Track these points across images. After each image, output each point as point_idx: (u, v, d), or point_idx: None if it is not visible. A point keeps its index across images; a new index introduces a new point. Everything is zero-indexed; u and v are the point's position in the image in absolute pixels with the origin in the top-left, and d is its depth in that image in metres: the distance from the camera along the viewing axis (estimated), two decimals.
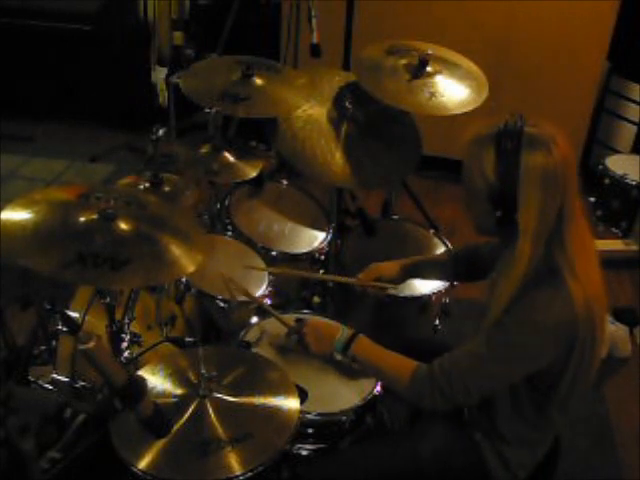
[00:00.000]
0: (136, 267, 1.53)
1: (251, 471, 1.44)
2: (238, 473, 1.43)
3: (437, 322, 2.37)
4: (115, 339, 1.90)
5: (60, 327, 1.94)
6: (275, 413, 1.57)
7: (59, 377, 1.96)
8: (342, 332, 1.76)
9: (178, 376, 1.63)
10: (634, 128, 3.79)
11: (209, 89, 2.28)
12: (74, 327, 1.88)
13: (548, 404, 1.63)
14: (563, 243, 1.49)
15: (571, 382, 1.57)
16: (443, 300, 2.33)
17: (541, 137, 1.48)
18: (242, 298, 2.05)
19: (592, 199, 3.54)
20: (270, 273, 2.25)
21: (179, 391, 1.59)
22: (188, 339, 2.03)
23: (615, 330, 2.87)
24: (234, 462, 1.44)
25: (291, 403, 1.59)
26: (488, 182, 1.49)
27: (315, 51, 2.56)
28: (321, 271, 2.45)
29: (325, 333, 1.80)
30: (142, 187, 2.24)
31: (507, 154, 1.47)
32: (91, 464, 1.78)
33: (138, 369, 1.73)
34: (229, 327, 2.15)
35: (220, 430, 1.50)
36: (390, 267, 2.06)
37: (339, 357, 1.78)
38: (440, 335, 2.37)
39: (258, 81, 2.31)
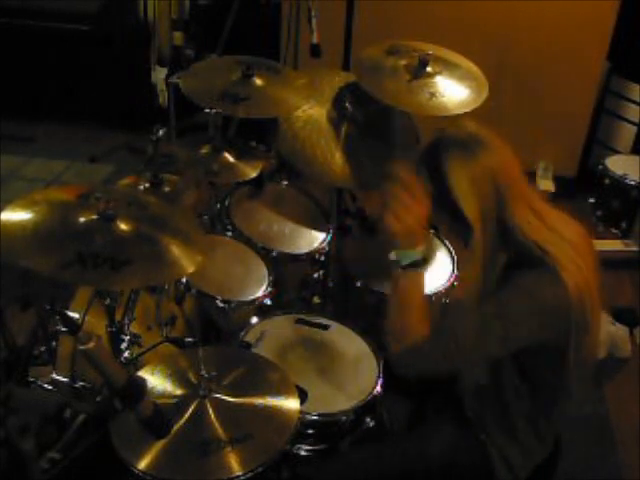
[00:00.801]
0: (136, 267, 1.53)
1: (251, 471, 1.44)
2: (238, 473, 1.43)
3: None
4: (115, 339, 1.90)
5: (60, 327, 1.94)
6: (275, 413, 1.57)
7: (59, 377, 1.96)
8: (422, 249, 1.65)
9: (178, 376, 1.64)
10: (634, 128, 3.79)
11: (209, 89, 2.28)
12: (74, 327, 1.88)
13: (551, 404, 1.63)
14: (517, 226, 1.56)
15: (571, 376, 1.58)
16: (443, 300, 2.33)
17: (458, 139, 1.58)
18: None
19: (592, 199, 3.53)
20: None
21: (179, 391, 1.59)
22: (188, 339, 2.03)
23: (615, 330, 2.87)
24: (234, 462, 1.44)
25: (291, 403, 1.60)
26: (433, 195, 1.59)
27: (315, 51, 2.56)
28: (321, 271, 2.46)
29: (414, 233, 1.65)
30: (142, 187, 2.24)
31: (431, 166, 1.58)
32: (91, 464, 1.78)
33: (138, 369, 1.73)
34: (229, 327, 2.15)
35: (220, 430, 1.50)
36: None
37: (393, 257, 1.64)
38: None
39: (258, 81, 2.31)
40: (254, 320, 2.07)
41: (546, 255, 1.55)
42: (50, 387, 1.96)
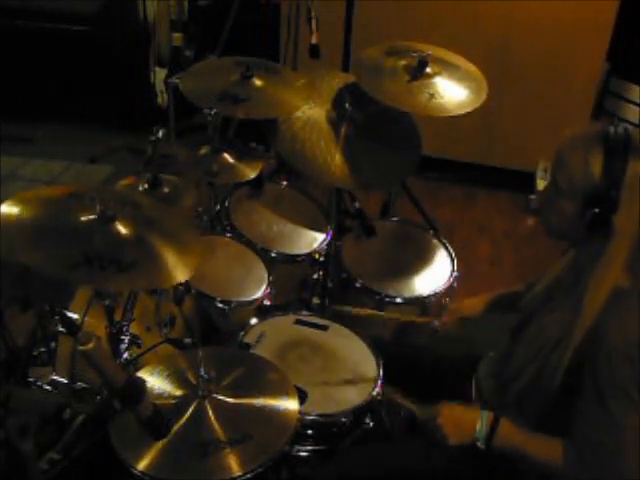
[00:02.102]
0: (142, 269, 1.53)
1: (250, 472, 1.44)
2: (237, 474, 1.43)
3: (437, 322, 2.37)
4: (114, 340, 1.90)
5: (59, 328, 1.94)
6: (274, 414, 1.57)
7: (58, 378, 1.96)
8: (481, 421, 1.61)
9: (177, 377, 1.64)
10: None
11: (208, 90, 2.28)
12: (73, 328, 1.88)
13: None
14: None
15: None
16: (443, 301, 2.33)
17: None
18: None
19: None
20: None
21: (178, 392, 1.59)
22: (187, 340, 2.03)
23: None
24: (233, 463, 1.44)
25: (290, 404, 1.59)
26: (591, 180, 1.47)
27: (314, 52, 2.56)
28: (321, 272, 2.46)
29: (464, 421, 1.63)
30: (141, 188, 2.24)
31: (617, 156, 1.46)
32: (91, 464, 1.78)
33: (137, 370, 1.73)
34: (228, 328, 2.15)
35: (219, 431, 1.50)
36: (473, 304, 2.03)
37: (482, 446, 1.60)
38: (440, 336, 2.37)
39: (257, 82, 2.31)
40: (253, 321, 2.07)
41: None
42: (50, 388, 1.96)
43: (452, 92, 2.30)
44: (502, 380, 1.70)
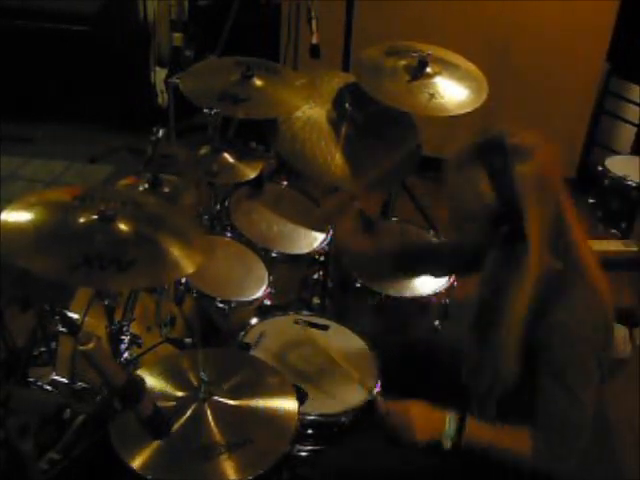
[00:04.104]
0: (142, 268, 1.53)
1: (250, 478, 1.44)
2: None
3: (437, 323, 2.37)
4: (115, 340, 1.90)
5: (60, 328, 1.94)
6: (274, 418, 1.57)
7: (59, 378, 1.96)
8: (450, 417, 1.61)
9: (177, 378, 1.63)
10: (634, 129, 3.79)
11: (208, 90, 2.28)
12: (74, 328, 1.88)
13: None
14: (569, 246, 1.52)
15: None
16: (443, 301, 2.33)
17: (525, 146, 1.49)
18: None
19: (592, 200, 3.53)
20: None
21: (178, 393, 1.59)
22: (187, 340, 2.03)
23: (615, 331, 2.87)
24: (233, 468, 1.44)
25: (290, 408, 1.59)
26: (486, 203, 1.50)
27: (315, 52, 2.56)
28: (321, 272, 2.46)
29: (431, 419, 1.64)
30: (141, 188, 2.24)
31: (499, 171, 1.47)
32: (91, 464, 1.78)
33: (137, 370, 1.73)
34: (228, 328, 2.15)
35: (219, 434, 1.49)
36: None
37: (449, 444, 1.61)
38: (440, 336, 2.37)
39: (258, 82, 2.31)
40: (254, 321, 2.07)
41: (588, 272, 1.52)
42: (50, 388, 1.96)
43: (452, 92, 2.30)
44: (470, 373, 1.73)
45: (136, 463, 1.43)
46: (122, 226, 1.61)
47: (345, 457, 1.78)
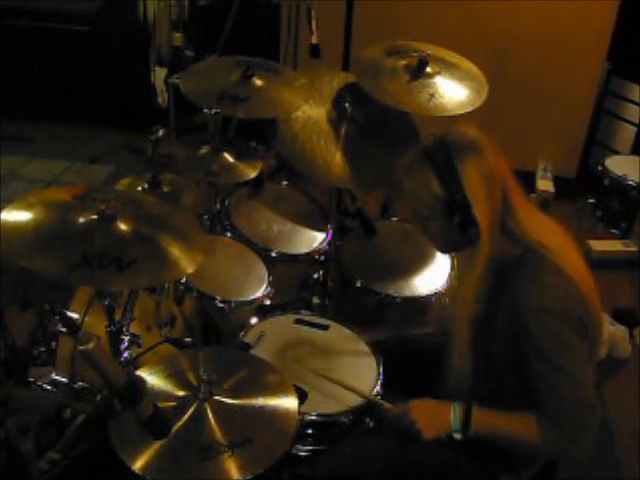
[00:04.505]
0: (142, 267, 1.53)
1: (250, 477, 1.43)
2: (237, 479, 1.42)
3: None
4: (115, 340, 1.90)
5: (60, 328, 1.94)
6: (275, 418, 1.57)
7: (59, 378, 1.95)
8: (454, 410, 1.62)
9: (177, 378, 1.63)
10: (634, 129, 3.79)
11: (208, 90, 2.28)
12: (74, 328, 1.88)
13: None
14: (519, 225, 1.59)
15: None
16: (443, 301, 2.33)
17: (468, 142, 1.59)
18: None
19: (592, 200, 3.53)
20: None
21: (178, 393, 1.58)
22: (187, 340, 2.03)
23: (615, 331, 2.87)
24: (233, 467, 1.43)
25: (291, 407, 1.59)
26: (438, 197, 1.58)
27: (314, 52, 2.56)
28: (321, 271, 2.46)
29: (437, 415, 1.64)
30: (141, 188, 2.24)
31: (443, 166, 1.57)
32: (91, 464, 1.78)
33: (138, 370, 1.73)
34: (228, 328, 2.15)
35: (220, 434, 1.49)
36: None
37: (459, 437, 1.61)
38: (440, 336, 2.37)
39: (258, 82, 2.31)
40: (253, 320, 2.07)
41: (548, 252, 1.56)
42: (50, 387, 1.96)
43: (452, 92, 2.30)
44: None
45: (136, 463, 1.43)
46: (122, 226, 1.61)
47: (345, 458, 1.78)
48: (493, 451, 1.67)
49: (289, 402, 1.60)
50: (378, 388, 1.85)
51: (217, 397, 1.56)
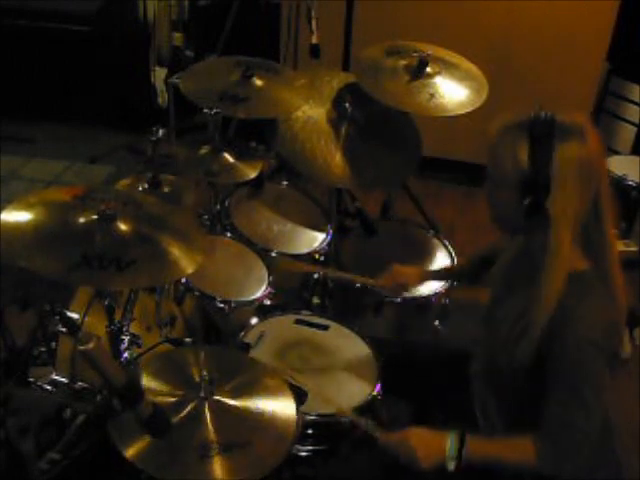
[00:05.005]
0: (141, 267, 1.53)
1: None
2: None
3: (437, 323, 2.37)
4: (115, 340, 1.90)
5: (60, 328, 1.94)
6: (274, 418, 1.56)
7: (59, 378, 1.95)
8: (450, 439, 1.58)
9: (177, 378, 1.63)
10: (634, 129, 3.79)
11: (209, 90, 2.29)
12: (74, 328, 1.88)
13: None
14: (602, 247, 1.52)
15: None
16: (443, 301, 2.33)
17: (573, 126, 1.48)
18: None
19: None
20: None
21: (177, 393, 1.58)
22: (187, 340, 2.03)
23: None
24: (230, 468, 1.43)
25: (290, 409, 1.59)
26: (520, 169, 1.48)
27: (315, 52, 2.56)
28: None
29: (434, 444, 1.59)
30: (141, 188, 2.24)
31: (541, 142, 1.46)
32: (91, 464, 1.78)
33: (137, 370, 1.73)
34: (228, 328, 2.15)
35: (218, 434, 1.49)
36: (410, 273, 2.11)
37: (451, 466, 1.57)
38: (440, 336, 2.37)
39: (258, 82, 2.31)
40: (254, 320, 2.07)
41: (609, 274, 1.52)
42: (50, 387, 1.96)
43: (452, 92, 2.30)
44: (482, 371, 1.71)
45: (133, 457, 1.43)
46: (122, 226, 1.61)
47: (344, 459, 1.79)
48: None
49: (288, 403, 1.60)
50: (378, 388, 1.85)
51: (217, 397, 1.56)
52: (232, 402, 1.56)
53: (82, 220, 1.59)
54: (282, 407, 1.60)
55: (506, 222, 1.61)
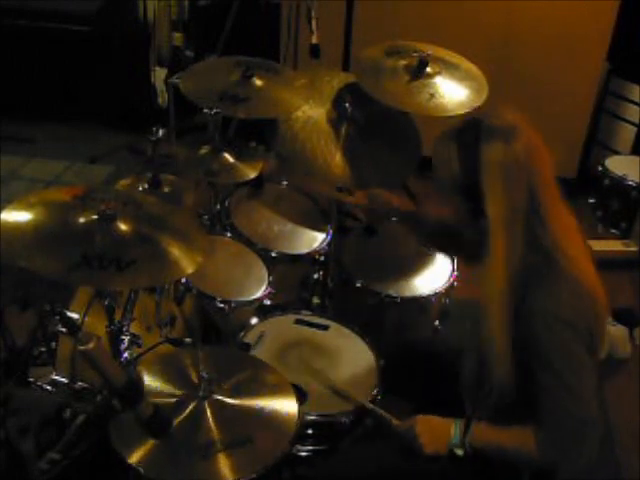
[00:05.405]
0: (142, 267, 1.53)
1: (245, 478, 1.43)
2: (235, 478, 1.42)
3: (437, 323, 2.37)
4: (115, 340, 1.90)
5: (60, 328, 1.94)
6: (274, 417, 1.57)
7: (59, 378, 1.96)
8: (455, 426, 1.62)
9: (177, 378, 1.63)
10: (634, 129, 3.79)
11: (209, 90, 2.28)
12: (74, 328, 1.88)
13: None
14: (547, 230, 1.51)
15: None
16: (443, 301, 2.33)
17: (500, 127, 1.50)
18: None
19: (592, 200, 3.53)
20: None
21: (178, 393, 1.58)
22: (187, 340, 2.03)
23: (615, 331, 2.87)
24: (231, 467, 1.43)
25: (290, 407, 1.59)
26: (453, 175, 1.53)
27: (315, 52, 2.56)
28: (321, 272, 2.46)
29: (439, 430, 1.64)
30: (141, 188, 2.24)
31: (467, 146, 1.50)
32: (91, 465, 1.78)
33: (138, 370, 1.73)
34: (228, 328, 2.15)
35: (218, 433, 1.49)
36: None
37: (459, 452, 1.61)
38: (440, 336, 2.37)
39: (258, 82, 2.31)
40: (254, 320, 2.07)
41: (567, 260, 1.51)
42: (50, 387, 1.96)
43: (452, 92, 2.30)
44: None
45: (136, 462, 1.43)
46: (122, 226, 1.61)
47: (344, 459, 1.79)
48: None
49: (289, 403, 1.60)
50: (378, 389, 1.85)
51: (216, 396, 1.56)
52: (232, 400, 1.57)
53: (82, 220, 1.59)
54: (282, 402, 1.60)
55: (466, 230, 1.64)
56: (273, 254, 2.33)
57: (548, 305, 1.49)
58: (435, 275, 2.38)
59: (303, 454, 1.78)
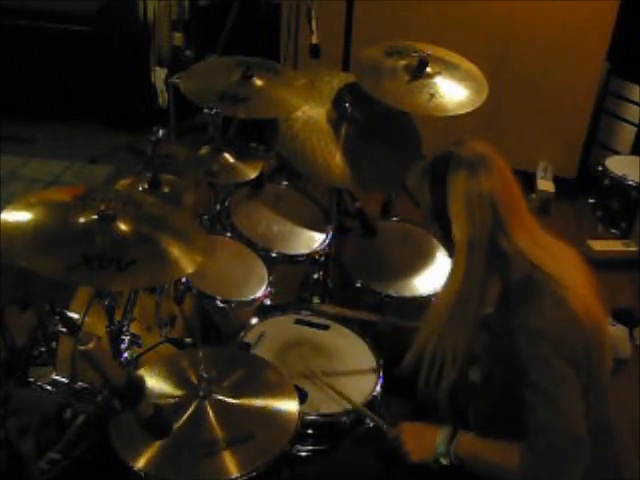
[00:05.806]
0: (142, 267, 1.53)
1: (251, 473, 1.44)
2: (238, 475, 1.43)
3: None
4: (115, 340, 1.90)
5: (60, 328, 1.94)
6: (275, 415, 1.57)
7: (59, 378, 1.96)
8: (441, 434, 1.63)
9: (178, 377, 1.63)
10: (634, 129, 3.79)
11: (209, 90, 2.28)
12: (74, 328, 1.88)
13: None
14: (515, 247, 1.56)
15: (589, 392, 1.56)
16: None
17: (466, 158, 1.58)
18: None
19: (592, 200, 3.53)
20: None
21: (178, 392, 1.59)
22: (187, 340, 2.03)
23: (615, 331, 2.87)
24: (234, 463, 1.44)
25: (291, 406, 1.59)
26: (427, 205, 1.63)
27: (315, 52, 2.56)
28: (321, 272, 2.46)
29: (425, 438, 1.65)
30: (141, 188, 2.24)
31: (437, 177, 1.60)
32: (91, 465, 1.78)
33: (138, 370, 1.73)
34: (229, 328, 2.15)
35: (220, 431, 1.49)
36: None
37: (444, 461, 1.62)
38: None
39: (258, 82, 2.31)
40: (254, 320, 2.07)
41: (548, 277, 1.53)
42: (50, 387, 1.96)
43: (452, 92, 2.30)
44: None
45: (136, 462, 1.43)
46: (122, 226, 1.61)
47: (344, 459, 1.79)
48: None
49: (289, 400, 1.60)
50: (378, 388, 1.85)
51: (217, 395, 1.56)
52: (232, 398, 1.57)
53: (82, 220, 1.60)
54: (282, 398, 1.61)
55: (447, 248, 1.86)
56: (273, 254, 2.33)
57: (529, 321, 1.52)
58: (435, 275, 2.37)
59: (303, 454, 1.78)
